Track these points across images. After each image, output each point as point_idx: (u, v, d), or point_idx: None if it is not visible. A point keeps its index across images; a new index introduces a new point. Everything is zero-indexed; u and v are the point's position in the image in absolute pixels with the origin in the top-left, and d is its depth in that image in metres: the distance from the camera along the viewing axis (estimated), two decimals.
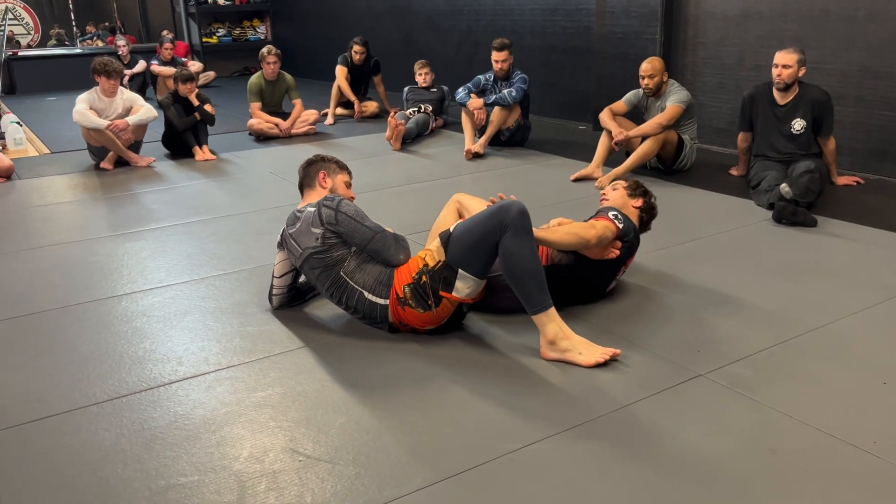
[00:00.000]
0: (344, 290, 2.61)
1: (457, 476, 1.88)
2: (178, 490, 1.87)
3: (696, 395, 2.23)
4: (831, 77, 4.83)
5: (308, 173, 2.87)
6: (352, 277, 2.59)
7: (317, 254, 2.60)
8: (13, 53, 11.40)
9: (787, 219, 3.76)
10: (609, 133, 4.80)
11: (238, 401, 2.29)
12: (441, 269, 2.49)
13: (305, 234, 2.63)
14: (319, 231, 2.59)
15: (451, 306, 2.55)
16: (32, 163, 6.01)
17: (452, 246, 2.49)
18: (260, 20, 12.78)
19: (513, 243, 2.40)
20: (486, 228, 2.44)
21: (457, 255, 2.48)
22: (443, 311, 2.55)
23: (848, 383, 2.28)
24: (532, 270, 2.42)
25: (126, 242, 3.87)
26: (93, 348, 2.67)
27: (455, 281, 2.47)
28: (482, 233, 2.44)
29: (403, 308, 2.55)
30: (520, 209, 2.43)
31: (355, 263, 2.59)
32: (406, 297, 2.52)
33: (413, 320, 2.58)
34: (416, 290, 2.51)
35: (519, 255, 2.40)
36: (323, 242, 2.59)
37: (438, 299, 2.51)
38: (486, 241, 2.44)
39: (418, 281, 2.51)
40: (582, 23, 6.75)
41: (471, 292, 2.50)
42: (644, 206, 3.03)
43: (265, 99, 6.74)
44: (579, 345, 2.42)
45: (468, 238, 2.47)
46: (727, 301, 2.90)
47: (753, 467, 1.88)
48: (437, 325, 2.62)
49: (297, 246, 2.67)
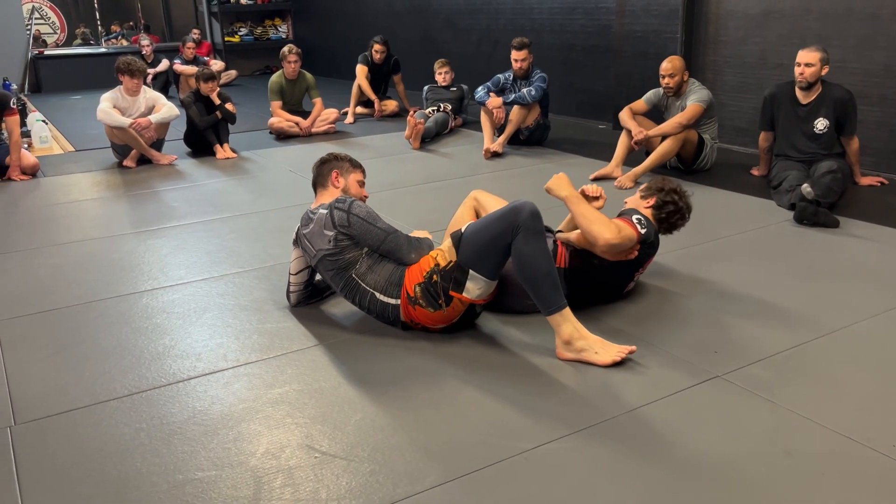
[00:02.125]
0: (356, 291, 2.64)
1: (470, 475, 1.89)
2: (196, 484, 1.89)
3: (713, 396, 2.22)
4: (854, 76, 4.76)
5: (321, 172, 2.88)
6: (363, 279, 2.61)
7: (329, 256, 2.62)
8: (39, 52, 11.56)
9: (808, 219, 3.72)
10: (629, 132, 4.78)
11: (255, 397, 2.31)
12: (452, 269, 2.49)
13: (318, 235, 2.64)
14: (332, 233, 2.60)
15: (462, 306, 2.56)
16: (57, 160, 6.10)
17: (464, 246, 2.49)
18: (281, 19, 12.87)
19: (525, 245, 2.39)
20: (497, 230, 2.44)
21: (468, 256, 2.48)
22: (453, 312, 2.56)
23: (867, 386, 2.25)
24: (545, 271, 2.41)
25: (147, 239, 3.92)
26: (114, 344, 2.72)
27: (466, 282, 2.48)
28: (494, 234, 2.44)
29: (414, 307, 2.56)
30: (532, 210, 2.42)
31: (367, 266, 2.60)
32: (416, 296, 2.53)
33: (424, 319, 2.59)
34: (427, 289, 2.52)
35: (532, 256, 2.39)
36: (335, 245, 2.60)
37: (449, 299, 2.51)
38: (498, 242, 2.43)
39: (429, 280, 2.51)
40: (601, 21, 6.72)
41: (481, 293, 2.50)
42: (656, 203, 2.93)
43: (286, 98, 6.79)
44: (595, 344, 2.42)
45: (480, 239, 2.47)
46: (746, 302, 2.88)
47: (770, 470, 1.87)
48: (448, 324, 2.63)
49: (311, 247, 2.69)
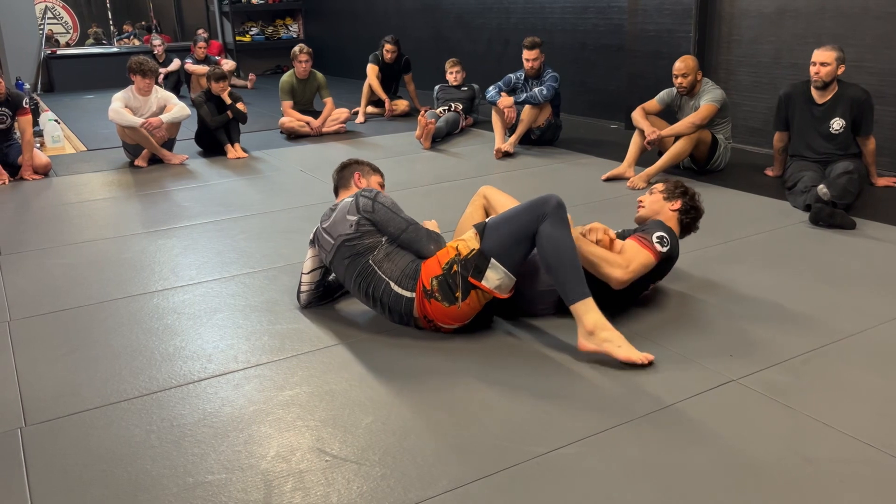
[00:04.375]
0: (371, 279, 2.62)
1: (483, 479, 1.87)
2: (206, 488, 1.88)
3: (729, 401, 2.19)
4: (871, 76, 4.71)
5: (343, 175, 2.98)
6: (380, 267, 2.61)
7: (349, 241, 2.64)
8: (52, 52, 11.62)
9: (824, 221, 3.68)
10: (641, 132, 4.74)
11: (266, 399, 2.30)
12: (474, 257, 2.49)
13: (340, 222, 2.68)
14: (355, 218, 2.65)
15: (478, 304, 2.54)
16: (69, 160, 6.12)
17: (488, 234, 2.51)
18: (292, 19, 12.89)
19: (552, 231, 2.43)
20: (523, 220, 2.48)
21: (492, 245, 2.48)
22: (468, 308, 2.54)
23: (887, 391, 2.22)
24: (570, 258, 2.42)
25: (158, 239, 3.92)
26: (125, 344, 2.71)
27: (486, 270, 2.47)
28: (520, 224, 2.48)
29: (429, 301, 2.53)
30: (558, 201, 2.48)
31: (384, 253, 2.62)
32: (433, 289, 2.51)
33: (438, 315, 2.56)
34: (446, 280, 2.50)
35: (557, 242, 2.42)
36: (357, 229, 2.64)
37: (466, 291, 2.49)
38: (524, 232, 2.46)
39: (448, 271, 2.50)
40: (614, 20, 6.68)
41: (500, 285, 2.49)
42: (683, 207, 2.87)
43: (297, 97, 6.79)
44: (618, 339, 2.39)
45: (505, 228, 2.49)
46: (761, 305, 2.85)
47: (788, 476, 1.84)
48: (461, 325, 2.61)
49: (328, 238, 2.71)
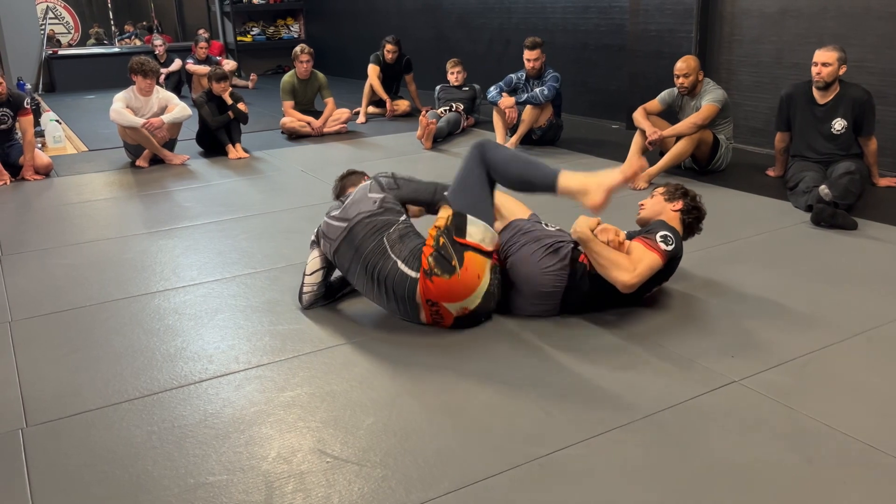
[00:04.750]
0: (380, 258, 2.65)
1: (485, 481, 1.87)
2: (207, 489, 1.88)
3: (730, 402, 2.19)
4: (873, 76, 4.70)
5: (345, 184, 3.15)
6: (392, 246, 2.66)
7: (368, 217, 2.72)
8: (53, 52, 11.63)
9: (825, 221, 3.67)
10: (642, 132, 4.74)
11: (267, 400, 2.30)
12: (452, 221, 2.62)
13: (361, 201, 2.77)
14: (379, 196, 2.77)
15: (476, 270, 2.58)
16: (71, 160, 6.13)
17: (454, 198, 2.70)
18: (293, 19, 12.89)
19: (495, 153, 2.72)
20: (473, 170, 2.72)
21: (462, 204, 2.66)
22: (467, 277, 2.57)
23: (889, 392, 2.21)
24: (524, 160, 2.73)
25: (160, 240, 3.92)
26: (126, 345, 2.71)
27: (467, 226, 2.61)
28: (472, 175, 2.71)
29: (431, 279, 2.57)
30: (482, 140, 2.78)
31: (399, 234, 2.68)
32: (431, 266, 2.56)
33: (442, 292, 2.57)
34: (439, 254, 2.57)
35: (505, 160, 2.71)
36: (381, 205, 2.75)
37: (460, 255, 2.56)
38: (478, 178, 2.70)
39: (437, 245, 2.58)
40: (615, 20, 6.67)
41: (484, 238, 2.62)
42: (685, 207, 2.87)
43: (298, 97, 6.78)
44: (602, 174, 2.56)
45: (464, 185, 2.72)
46: (763, 305, 2.84)
47: (789, 478, 1.84)
48: (462, 311, 2.62)
49: (339, 224, 2.77)
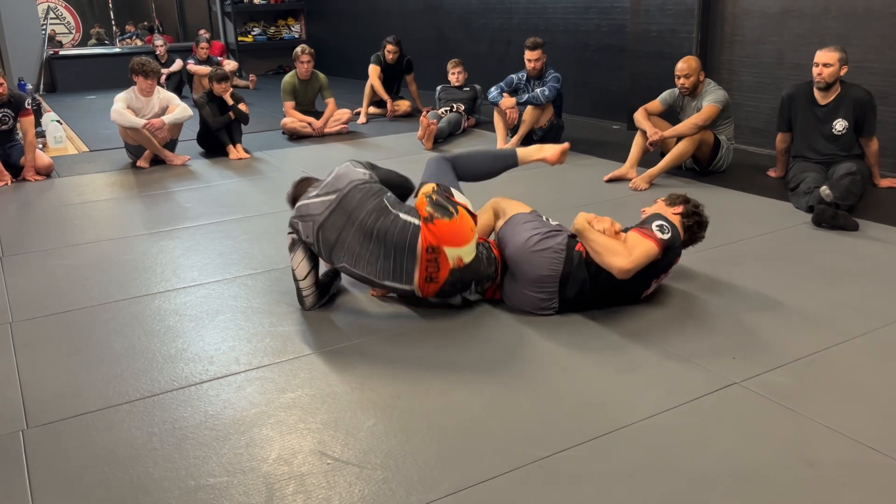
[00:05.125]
0: (381, 214, 2.75)
1: (485, 482, 1.86)
2: (208, 490, 1.88)
3: (731, 404, 2.18)
4: (874, 76, 4.70)
5: (299, 188, 3.09)
6: (392, 206, 2.78)
7: (363, 184, 2.85)
8: (54, 52, 11.63)
9: (827, 222, 3.67)
10: (643, 133, 4.73)
11: (267, 401, 2.30)
12: (438, 187, 2.86)
13: (350, 173, 2.89)
14: (365, 171, 2.92)
15: (468, 223, 2.75)
16: (72, 161, 6.12)
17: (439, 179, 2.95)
18: (294, 19, 12.89)
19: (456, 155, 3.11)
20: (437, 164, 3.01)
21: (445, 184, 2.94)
22: (464, 225, 2.73)
23: (891, 393, 2.21)
24: (481, 155, 3.21)
25: (160, 240, 3.92)
26: (126, 346, 2.71)
27: (452, 191, 2.87)
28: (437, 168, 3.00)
29: (433, 222, 2.69)
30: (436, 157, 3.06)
31: (394, 199, 2.85)
32: (431, 213, 2.71)
33: (443, 234, 2.67)
34: (436, 203, 2.75)
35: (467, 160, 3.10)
36: (371, 177, 2.90)
37: (454, 206, 2.77)
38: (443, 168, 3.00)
39: (432, 199, 2.77)
40: (616, 21, 6.67)
41: (468, 204, 2.87)
42: (685, 211, 2.88)
43: (298, 98, 6.78)
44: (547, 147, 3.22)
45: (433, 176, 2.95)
46: (764, 306, 2.84)
47: (790, 480, 1.83)
48: (461, 246, 2.70)
49: (324, 199, 2.81)
